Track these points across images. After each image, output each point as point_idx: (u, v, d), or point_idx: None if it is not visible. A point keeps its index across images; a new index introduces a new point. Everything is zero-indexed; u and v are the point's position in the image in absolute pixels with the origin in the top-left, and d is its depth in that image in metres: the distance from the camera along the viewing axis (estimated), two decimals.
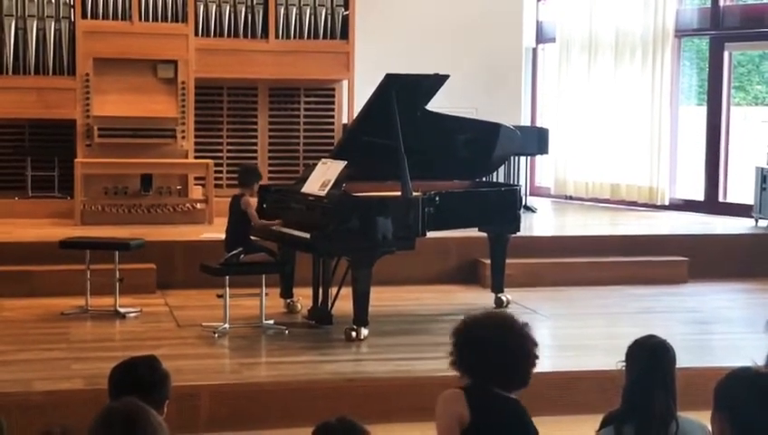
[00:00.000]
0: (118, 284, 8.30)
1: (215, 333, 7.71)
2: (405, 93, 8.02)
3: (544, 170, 14.51)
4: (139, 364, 3.74)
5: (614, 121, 13.33)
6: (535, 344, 3.64)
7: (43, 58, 11.20)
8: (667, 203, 13.01)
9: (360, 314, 7.66)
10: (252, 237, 8.28)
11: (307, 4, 11.86)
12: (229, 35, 11.72)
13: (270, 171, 12.13)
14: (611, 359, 4.06)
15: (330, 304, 8.10)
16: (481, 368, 3.60)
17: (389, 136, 7.84)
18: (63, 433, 2.41)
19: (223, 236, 8.41)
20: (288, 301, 8.59)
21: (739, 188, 12.86)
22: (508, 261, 8.92)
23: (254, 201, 8.40)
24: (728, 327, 8.57)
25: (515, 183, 12.10)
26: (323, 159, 8.33)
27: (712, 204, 12.81)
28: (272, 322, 7.98)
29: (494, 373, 3.59)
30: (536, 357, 3.64)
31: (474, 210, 8.48)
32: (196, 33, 11.54)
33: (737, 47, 13.11)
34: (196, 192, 11.35)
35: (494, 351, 3.57)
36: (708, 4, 12.90)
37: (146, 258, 9.11)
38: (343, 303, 7.98)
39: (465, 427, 3.52)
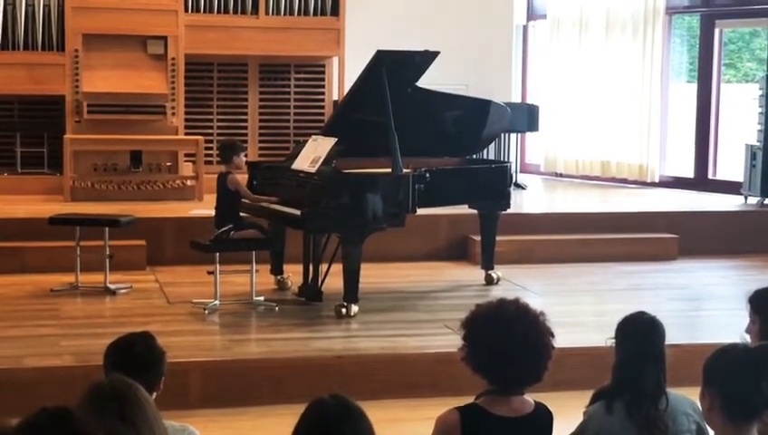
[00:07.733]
0: (108, 260, 8.28)
1: (205, 309, 7.71)
2: (395, 70, 7.99)
3: (534, 147, 14.49)
4: (136, 342, 3.73)
5: (604, 99, 13.31)
6: (552, 335, 3.48)
7: (33, 34, 11.13)
8: (656, 180, 13.02)
9: (351, 291, 7.66)
10: (242, 214, 8.26)
11: None
12: (219, 11, 11.67)
13: (260, 148, 12.13)
14: (601, 335, 4.07)
15: (320, 281, 8.09)
16: (493, 367, 3.42)
17: (380, 113, 7.82)
18: (59, 411, 2.39)
19: (213, 212, 8.39)
20: (278, 278, 8.59)
21: (729, 166, 12.88)
22: (498, 238, 8.93)
23: (241, 177, 8.35)
24: (717, 304, 8.59)
25: (505, 160, 12.11)
26: (314, 136, 8.31)
27: (702, 181, 12.82)
28: (262, 298, 7.98)
29: (508, 373, 3.41)
30: (553, 348, 3.46)
31: (464, 187, 8.48)
32: (186, 9, 11.48)
33: (728, 24, 13.09)
34: (186, 169, 11.32)
35: (506, 349, 3.38)
36: None
37: (136, 235, 9.08)
38: (333, 279, 7.97)
39: None
